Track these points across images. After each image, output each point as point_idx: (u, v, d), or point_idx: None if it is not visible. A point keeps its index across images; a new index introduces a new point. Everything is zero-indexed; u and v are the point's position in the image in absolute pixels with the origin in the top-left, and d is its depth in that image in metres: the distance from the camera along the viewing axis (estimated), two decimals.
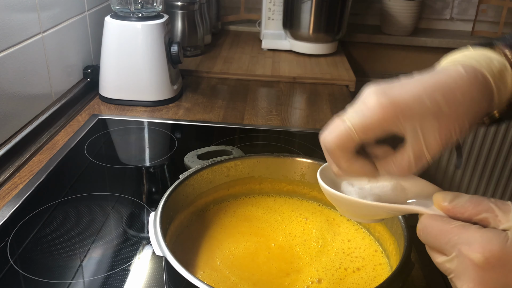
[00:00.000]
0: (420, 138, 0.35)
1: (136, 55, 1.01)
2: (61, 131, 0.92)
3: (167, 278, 0.45)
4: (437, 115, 0.34)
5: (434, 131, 0.34)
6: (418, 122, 0.34)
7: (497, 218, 0.32)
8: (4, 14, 0.77)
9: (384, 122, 0.35)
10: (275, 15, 1.53)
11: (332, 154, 0.37)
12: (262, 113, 1.05)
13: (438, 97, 0.34)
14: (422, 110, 0.34)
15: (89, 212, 0.68)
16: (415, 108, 0.34)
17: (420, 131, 0.34)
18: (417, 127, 0.34)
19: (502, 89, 0.37)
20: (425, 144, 0.35)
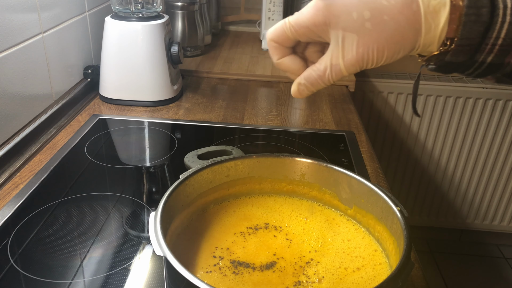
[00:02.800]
0: (339, 47, 0.37)
1: (137, 55, 1.01)
2: (61, 131, 0.92)
3: (167, 278, 0.45)
4: (358, 29, 0.36)
5: (353, 44, 0.36)
6: (341, 31, 0.36)
7: None
8: (5, 14, 0.78)
9: (313, 23, 0.38)
10: (275, 15, 1.53)
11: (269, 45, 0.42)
12: (262, 113, 1.06)
13: (365, 13, 0.36)
14: (348, 22, 0.36)
15: (89, 212, 0.68)
16: (343, 17, 0.36)
17: (340, 41, 0.37)
18: (339, 36, 0.37)
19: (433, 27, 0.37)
20: (342, 54, 0.37)
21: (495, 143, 1.77)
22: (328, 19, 0.37)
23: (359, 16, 0.36)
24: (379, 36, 0.36)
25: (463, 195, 1.88)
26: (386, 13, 0.36)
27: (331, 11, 0.37)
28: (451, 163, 1.82)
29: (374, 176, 0.81)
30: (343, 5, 0.36)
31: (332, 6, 0.37)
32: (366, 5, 0.36)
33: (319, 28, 0.38)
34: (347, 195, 0.57)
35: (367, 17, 0.36)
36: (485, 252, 2.00)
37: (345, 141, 0.92)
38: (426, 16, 0.36)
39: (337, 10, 0.36)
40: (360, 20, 0.36)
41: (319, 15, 0.37)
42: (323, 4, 0.37)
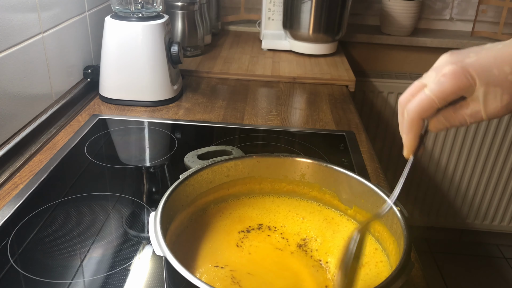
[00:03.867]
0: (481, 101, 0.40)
1: (136, 55, 1.01)
2: (61, 131, 0.92)
3: (167, 278, 0.45)
4: (502, 83, 0.40)
5: (497, 96, 0.40)
6: (484, 87, 0.40)
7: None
8: (4, 14, 0.78)
9: (459, 88, 0.40)
10: (275, 15, 1.53)
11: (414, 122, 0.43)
12: (262, 113, 1.06)
13: (506, 68, 0.40)
14: (490, 78, 0.40)
15: (89, 212, 0.68)
16: (485, 76, 0.39)
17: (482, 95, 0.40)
18: (482, 91, 0.40)
19: None
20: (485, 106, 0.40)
21: (495, 143, 1.77)
22: (472, 81, 0.40)
23: (500, 71, 0.40)
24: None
25: (463, 195, 1.88)
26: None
27: (473, 73, 0.40)
28: (451, 163, 1.82)
29: (374, 176, 0.81)
30: (480, 65, 0.40)
31: (471, 67, 0.40)
32: (504, 61, 0.40)
33: (465, 90, 0.40)
34: (347, 195, 0.57)
35: (508, 71, 0.40)
36: (485, 252, 2.00)
37: (345, 141, 0.92)
38: None
39: (477, 70, 0.40)
40: (503, 75, 0.40)
41: (463, 79, 0.40)
42: (460, 69, 0.40)
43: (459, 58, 0.41)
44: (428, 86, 0.41)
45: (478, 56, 0.41)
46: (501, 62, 0.40)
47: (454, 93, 0.41)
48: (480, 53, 0.41)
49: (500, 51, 0.41)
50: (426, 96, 0.41)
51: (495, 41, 1.32)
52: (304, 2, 1.38)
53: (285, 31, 1.48)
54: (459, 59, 0.40)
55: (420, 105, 0.42)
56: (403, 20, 1.63)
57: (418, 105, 0.42)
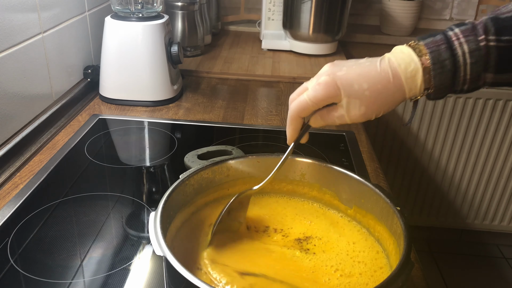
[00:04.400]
0: (344, 108, 0.50)
1: (136, 55, 1.01)
2: (61, 131, 0.92)
3: (167, 278, 0.45)
4: (360, 96, 0.49)
5: (355, 106, 0.49)
6: (347, 98, 0.49)
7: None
8: (5, 14, 0.78)
9: (328, 96, 0.49)
10: (275, 15, 1.53)
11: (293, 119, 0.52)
12: (262, 113, 1.06)
13: (364, 85, 0.49)
14: (351, 91, 0.49)
15: (89, 212, 0.68)
16: (347, 88, 0.49)
17: (345, 104, 0.49)
18: (345, 101, 0.49)
19: (413, 87, 0.49)
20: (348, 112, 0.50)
21: (495, 143, 1.77)
22: (338, 91, 0.49)
23: (359, 87, 0.49)
24: (376, 100, 0.49)
25: (463, 195, 1.88)
26: (379, 83, 0.49)
27: (339, 85, 0.49)
28: (451, 163, 1.82)
29: (374, 176, 0.81)
30: (346, 79, 0.49)
31: (339, 80, 0.49)
32: (363, 78, 0.49)
33: (333, 98, 0.50)
34: (347, 195, 0.57)
35: (365, 87, 0.49)
36: (485, 252, 2.00)
37: (345, 141, 0.92)
38: (407, 81, 0.49)
39: (343, 83, 0.49)
40: (361, 90, 0.49)
41: (331, 89, 0.49)
42: (331, 80, 0.49)
43: (334, 70, 0.50)
44: (307, 91, 0.51)
45: (348, 70, 0.50)
46: (362, 79, 0.49)
47: (325, 100, 0.50)
48: (350, 68, 0.50)
49: (364, 69, 0.50)
50: (304, 100, 0.50)
51: None
52: (304, 2, 1.38)
53: (285, 31, 1.48)
54: (333, 71, 0.50)
55: (299, 106, 0.51)
56: (403, 20, 1.63)
57: (297, 105, 0.51)
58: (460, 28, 0.49)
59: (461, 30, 0.48)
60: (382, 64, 0.50)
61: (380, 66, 0.50)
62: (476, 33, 0.47)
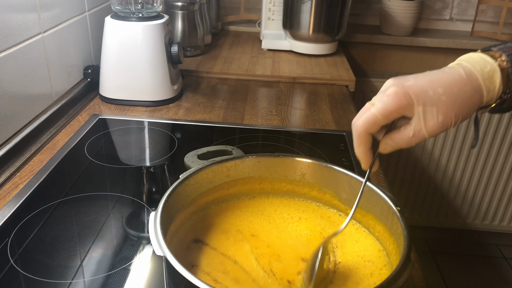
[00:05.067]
0: (421, 118, 0.45)
1: (137, 55, 1.01)
2: (61, 131, 0.92)
3: (167, 278, 0.45)
4: (436, 103, 0.45)
5: (433, 114, 0.45)
6: (422, 106, 0.45)
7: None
8: (4, 14, 0.78)
9: (400, 107, 0.45)
10: (275, 15, 1.53)
11: (362, 136, 0.47)
12: (262, 113, 1.06)
13: (439, 90, 0.45)
14: (426, 98, 0.45)
15: (89, 212, 0.68)
16: (421, 96, 0.45)
17: (422, 114, 0.45)
18: (421, 110, 0.45)
19: (491, 88, 0.46)
20: (424, 124, 0.45)
21: (495, 143, 1.77)
22: (411, 101, 0.45)
23: (435, 92, 0.45)
24: (454, 105, 0.45)
25: (463, 195, 1.88)
26: (455, 86, 0.46)
27: (411, 94, 0.45)
28: (451, 163, 1.82)
29: (374, 176, 0.81)
30: (417, 87, 0.45)
31: (410, 89, 0.45)
32: (437, 83, 0.46)
33: (405, 109, 0.45)
34: (347, 195, 0.57)
35: (441, 92, 0.45)
36: (485, 252, 2.00)
37: (345, 141, 0.92)
38: (484, 82, 0.46)
39: (415, 91, 0.45)
40: (437, 96, 0.45)
41: (402, 99, 0.45)
42: (401, 90, 0.45)
43: (400, 82, 0.46)
44: (374, 105, 0.46)
45: (416, 79, 0.46)
46: (435, 85, 0.45)
47: (396, 111, 0.45)
48: (418, 77, 0.46)
49: (435, 76, 0.46)
50: (371, 113, 0.46)
51: (494, 41, 1.33)
52: (304, 2, 1.38)
53: (285, 31, 1.48)
54: (400, 82, 0.46)
55: (366, 120, 0.46)
56: (403, 20, 1.63)
57: (363, 120, 0.47)
58: None
59: None
60: (452, 69, 0.47)
61: (451, 70, 0.47)
62: None
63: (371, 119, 0.46)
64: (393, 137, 0.47)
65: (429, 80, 0.46)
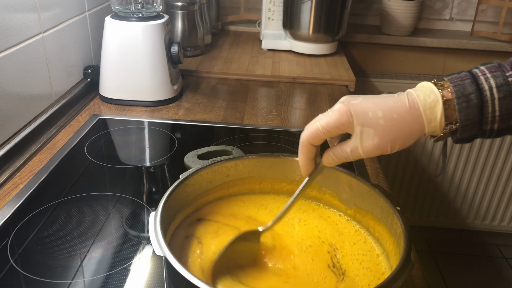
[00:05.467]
0: (358, 138, 0.46)
1: (137, 55, 1.01)
2: (61, 131, 0.92)
3: (167, 278, 0.45)
4: (374, 125, 0.46)
5: (369, 135, 0.46)
6: (360, 126, 0.46)
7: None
8: (4, 14, 0.78)
9: (341, 123, 0.46)
10: (275, 15, 1.53)
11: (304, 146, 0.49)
12: (262, 113, 1.06)
13: (378, 113, 0.46)
14: (365, 119, 0.46)
15: (89, 212, 0.68)
16: (361, 116, 0.46)
17: (359, 133, 0.46)
18: (359, 130, 0.46)
19: (432, 119, 0.46)
20: (361, 142, 0.46)
21: (495, 143, 1.77)
22: (351, 119, 0.46)
23: (374, 114, 0.46)
24: (391, 130, 0.46)
25: (463, 195, 1.88)
26: (395, 112, 0.46)
27: (352, 112, 0.46)
28: (451, 163, 1.82)
29: (374, 176, 0.81)
30: (360, 107, 0.46)
31: (353, 108, 0.46)
32: (379, 106, 0.46)
33: (345, 126, 0.47)
34: (347, 195, 0.57)
35: (380, 116, 0.46)
36: (485, 252, 2.00)
37: None
38: (425, 112, 0.46)
39: (357, 111, 0.46)
40: (375, 118, 0.46)
41: (344, 117, 0.46)
42: (345, 108, 0.46)
43: (349, 99, 0.47)
44: (319, 117, 0.48)
45: (363, 100, 0.47)
46: (376, 107, 0.46)
47: (336, 127, 0.47)
48: (366, 98, 0.47)
49: (381, 99, 0.47)
50: (315, 126, 0.48)
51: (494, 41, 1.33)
52: (304, 2, 1.38)
53: (285, 31, 1.48)
54: (348, 100, 0.47)
55: (309, 132, 0.48)
56: (403, 20, 1.63)
57: (307, 132, 0.48)
58: (486, 66, 0.47)
59: (487, 67, 0.47)
60: (400, 95, 0.47)
61: (398, 96, 0.47)
62: (503, 69, 0.46)
63: (314, 131, 0.48)
64: (334, 151, 0.49)
65: (373, 102, 0.47)
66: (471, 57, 1.71)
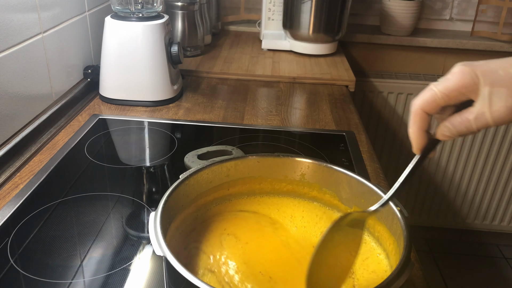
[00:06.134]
0: (486, 101, 0.40)
1: (136, 55, 1.01)
2: (61, 131, 0.92)
3: (167, 278, 0.45)
4: (507, 83, 0.40)
5: (501, 97, 0.40)
6: (489, 87, 0.40)
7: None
8: (4, 14, 0.78)
9: (463, 86, 0.40)
10: (275, 15, 1.53)
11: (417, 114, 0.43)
12: (262, 113, 1.06)
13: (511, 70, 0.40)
14: (496, 78, 0.40)
15: (89, 212, 0.68)
16: (490, 76, 0.40)
17: (488, 96, 0.40)
18: (487, 92, 0.40)
19: None
20: (489, 107, 0.40)
21: (495, 143, 1.77)
22: (476, 80, 0.40)
23: (506, 73, 0.40)
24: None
25: (463, 195, 1.88)
26: None
27: (478, 73, 0.40)
28: (451, 163, 1.82)
29: (374, 176, 0.81)
30: (487, 66, 0.41)
31: (478, 68, 0.41)
32: (510, 64, 0.40)
33: (469, 89, 0.41)
34: (347, 195, 0.57)
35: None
36: (485, 252, 2.00)
37: (345, 141, 0.92)
38: None
39: (483, 70, 0.40)
40: (508, 76, 0.40)
41: (467, 77, 0.40)
42: (468, 68, 0.41)
43: (469, 63, 0.41)
44: (436, 83, 0.42)
45: (487, 62, 0.41)
46: (507, 65, 0.41)
47: (457, 90, 0.41)
48: (490, 60, 0.42)
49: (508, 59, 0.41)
50: (430, 90, 0.42)
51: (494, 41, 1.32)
52: (304, 2, 1.38)
53: (285, 31, 1.48)
54: (470, 63, 0.41)
55: (423, 98, 0.42)
56: (403, 20, 1.63)
57: (421, 98, 0.43)
58: None
59: None
60: None
61: None
62: None
63: (429, 96, 0.42)
64: (452, 120, 0.43)
65: (501, 61, 0.41)
66: (471, 57, 1.71)
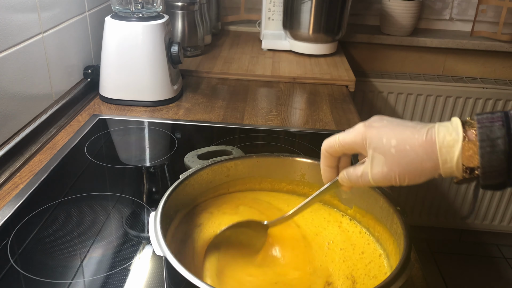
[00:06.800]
0: (369, 163, 0.46)
1: (137, 55, 1.01)
2: (61, 131, 0.92)
3: (167, 278, 0.45)
4: (385, 152, 0.44)
5: (379, 163, 0.45)
6: (372, 151, 0.45)
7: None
8: (5, 14, 0.78)
9: (354, 142, 0.47)
10: (275, 15, 1.53)
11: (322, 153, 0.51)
12: (262, 113, 1.06)
13: (392, 141, 0.44)
14: (378, 145, 0.45)
15: (89, 212, 0.68)
16: (375, 141, 0.45)
17: (371, 158, 0.45)
18: (371, 154, 0.45)
19: (448, 160, 0.42)
20: (371, 169, 0.46)
21: None
22: (364, 141, 0.46)
23: (387, 142, 0.44)
24: (400, 161, 0.44)
25: (463, 195, 1.88)
26: (409, 144, 0.43)
27: (367, 135, 0.46)
28: None
29: None
30: (377, 132, 0.45)
31: (369, 131, 0.46)
32: (394, 134, 0.44)
33: (358, 145, 0.47)
34: (347, 195, 0.57)
35: (393, 144, 0.44)
36: (485, 252, 2.00)
37: None
38: (441, 150, 0.42)
39: (372, 134, 0.45)
40: (388, 146, 0.44)
41: (359, 138, 0.46)
42: (363, 129, 0.46)
43: (373, 121, 0.47)
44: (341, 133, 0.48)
45: (387, 124, 0.46)
46: (393, 135, 0.44)
47: (350, 145, 0.47)
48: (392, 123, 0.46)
49: (402, 127, 0.45)
50: (334, 138, 0.49)
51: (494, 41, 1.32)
52: (304, 2, 1.38)
53: (285, 31, 1.48)
54: (372, 122, 0.46)
55: (327, 141, 0.49)
56: (403, 20, 1.63)
57: (327, 141, 0.50)
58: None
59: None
60: (422, 128, 0.44)
61: (419, 129, 0.44)
62: None
63: (331, 143, 0.49)
64: (348, 170, 0.49)
65: (392, 129, 0.45)
66: (471, 57, 1.71)
